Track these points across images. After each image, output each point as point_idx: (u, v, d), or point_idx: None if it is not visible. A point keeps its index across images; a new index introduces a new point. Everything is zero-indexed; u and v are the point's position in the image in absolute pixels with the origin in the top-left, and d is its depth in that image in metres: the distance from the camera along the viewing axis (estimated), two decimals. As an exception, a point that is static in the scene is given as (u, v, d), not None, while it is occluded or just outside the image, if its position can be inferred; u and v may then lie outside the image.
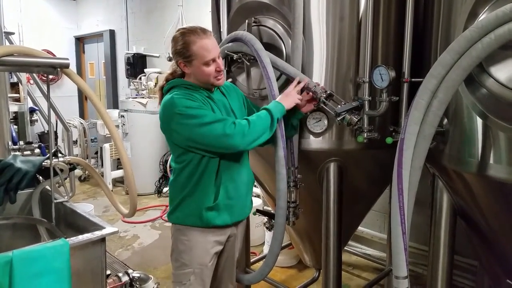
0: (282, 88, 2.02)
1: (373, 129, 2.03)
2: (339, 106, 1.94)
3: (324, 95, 1.94)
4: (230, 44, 2.21)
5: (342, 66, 2.07)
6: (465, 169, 1.66)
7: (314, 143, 2.12)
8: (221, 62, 1.83)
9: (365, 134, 2.01)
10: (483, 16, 1.53)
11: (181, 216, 1.91)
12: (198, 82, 1.87)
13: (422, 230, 2.49)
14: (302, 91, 1.99)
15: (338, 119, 1.93)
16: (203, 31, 1.81)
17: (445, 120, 1.73)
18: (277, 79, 2.05)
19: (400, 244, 1.52)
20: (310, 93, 1.97)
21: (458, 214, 1.91)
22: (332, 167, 2.16)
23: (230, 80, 2.39)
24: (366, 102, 2.00)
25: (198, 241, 1.89)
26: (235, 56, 2.19)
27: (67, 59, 1.48)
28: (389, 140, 1.99)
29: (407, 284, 1.56)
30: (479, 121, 1.57)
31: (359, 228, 3.47)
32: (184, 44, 1.78)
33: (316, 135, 2.10)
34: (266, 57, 1.99)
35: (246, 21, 2.19)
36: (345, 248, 3.34)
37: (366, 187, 2.52)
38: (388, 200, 2.98)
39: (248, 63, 2.19)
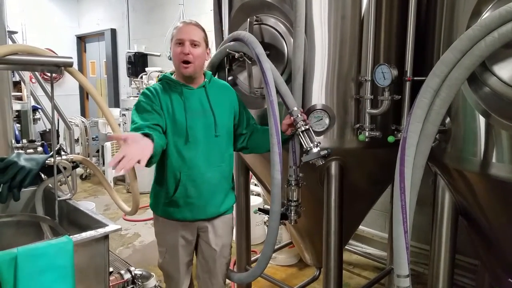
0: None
1: (374, 128, 2.03)
2: (307, 151, 1.94)
3: (302, 128, 1.94)
4: (232, 43, 2.21)
5: (344, 65, 2.07)
6: (467, 167, 1.66)
7: (316, 141, 2.11)
8: (190, 50, 1.90)
9: (367, 132, 2.01)
10: (486, 15, 1.53)
11: (153, 204, 2.11)
12: (178, 76, 2.00)
13: (423, 229, 2.50)
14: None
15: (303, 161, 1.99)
16: (189, 22, 1.99)
17: (447, 119, 1.73)
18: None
19: (402, 243, 1.53)
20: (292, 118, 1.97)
21: (459, 213, 1.91)
22: (333, 166, 2.16)
23: (230, 78, 2.39)
24: (368, 100, 2.01)
25: (166, 227, 2.08)
26: (236, 55, 2.19)
27: (71, 57, 1.48)
28: (391, 138, 1.99)
29: (408, 283, 1.56)
30: (481, 120, 1.57)
31: (360, 227, 3.48)
32: (172, 31, 1.99)
33: (318, 133, 2.10)
34: (266, 62, 1.99)
35: (248, 19, 2.19)
36: (345, 247, 3.34)
37: (367, 186, 2.53)
38: (389, 199, 2.98)
39: (250, 62, 2.19)
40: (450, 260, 1.93)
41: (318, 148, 1.94)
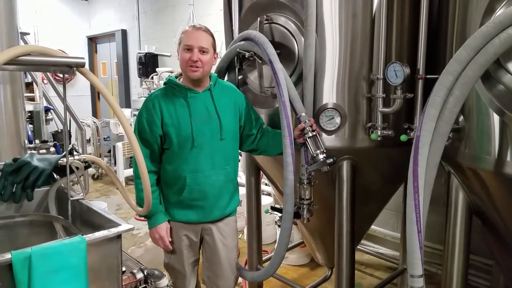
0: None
1: (387, 126, 2.01)
2: (313, 158, 1.96)
3: (309, 134, 1.95)
4: (242, 42, 2.21)
5: (355, 63, 2.06)
6: (481, 166, 1.64)
7: (327, 141, 2.10)
8: (199, 57, 1.91)
9: (379, 131, 2.00)
10: (500, 12, 1.51)
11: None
12: (185, 79, 2.00)
13: (435, 228, 2.47)
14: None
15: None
16: (199, 27, 1.96)
17: (461, 117, 1.71)
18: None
19: (416, 243, 1.51)
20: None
21: (473, 213, 1.88)
22: (345, 165, 2.15)
23: (240, 77, 2.39)
24: (380, 99, 1.99)
25: (173, 229, 2.09)
26: (247, 54, 2.19)
27: (83, 58, 1.48)
28: (403, 137, 1.97)
29: (422, 283, 1.54)
30: (496, 118, 1.55)
31: (372, 226, 3.46)
32: (180, 35, 1.99)
33: (329, 133, 2.09)
34: (278, 62, 1.98)
35: (258, 19, 2.19)
36: (357, 246, 3.32)
37: (380, 186, 2.50)
38: (401, 198, 2.96)
39: (260, 61, 2.19)
40: (464, 260, 1.90)
41: (324, 155, 1.94)
